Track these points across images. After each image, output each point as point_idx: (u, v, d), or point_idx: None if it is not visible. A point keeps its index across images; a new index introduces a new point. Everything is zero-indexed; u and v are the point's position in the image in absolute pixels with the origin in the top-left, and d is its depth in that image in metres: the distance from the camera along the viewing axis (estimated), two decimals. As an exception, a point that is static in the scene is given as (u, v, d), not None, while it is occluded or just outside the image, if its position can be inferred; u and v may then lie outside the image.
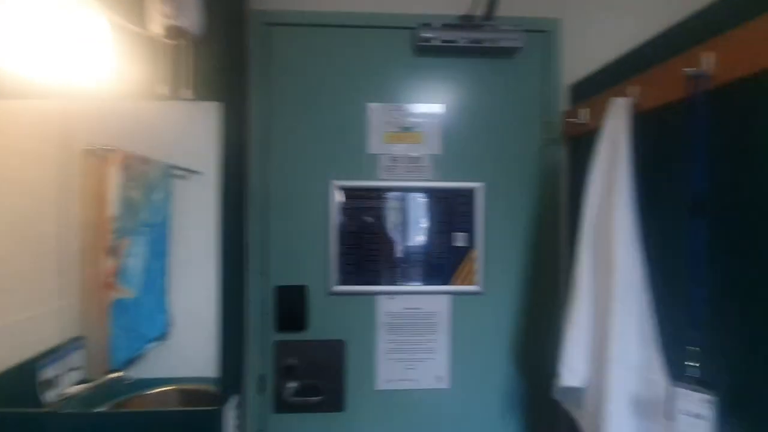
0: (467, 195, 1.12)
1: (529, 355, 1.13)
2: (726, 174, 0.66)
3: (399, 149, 1.13)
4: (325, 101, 1.12)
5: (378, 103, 1.13)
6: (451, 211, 1.12)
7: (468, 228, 1.12)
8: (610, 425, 0.78)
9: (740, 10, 0.63)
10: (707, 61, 0.68)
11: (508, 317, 1.14)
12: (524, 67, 1.14)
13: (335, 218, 1.11)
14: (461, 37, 1.07)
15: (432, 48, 1.09)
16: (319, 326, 1.12)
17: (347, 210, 1.11)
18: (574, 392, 0.89)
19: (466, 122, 1.13)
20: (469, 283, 1.12)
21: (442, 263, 1.12)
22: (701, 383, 0.69)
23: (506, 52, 1.11)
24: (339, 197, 1.11)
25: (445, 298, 1.12)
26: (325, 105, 1.12)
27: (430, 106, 1.13)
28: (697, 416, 0.68)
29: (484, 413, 1.14)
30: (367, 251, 1.11)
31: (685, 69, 0.69)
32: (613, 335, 0.79)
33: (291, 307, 1.10)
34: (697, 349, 0.70)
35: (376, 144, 1.13)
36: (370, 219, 1.12)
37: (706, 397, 0.67)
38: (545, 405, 1.13)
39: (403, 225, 1.13)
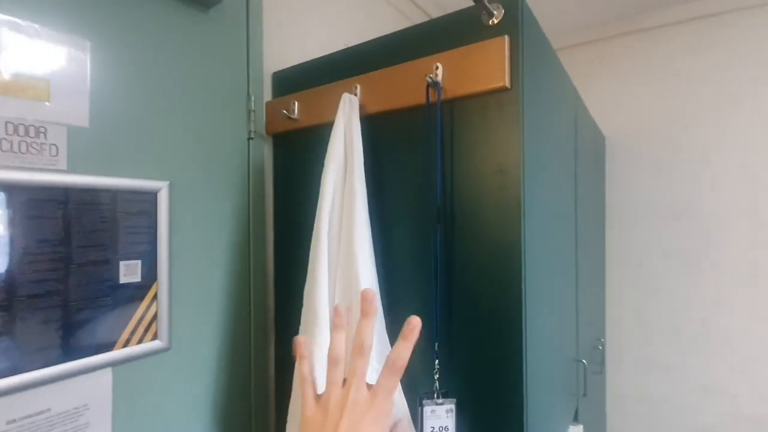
0: (143, 201, 0.71)
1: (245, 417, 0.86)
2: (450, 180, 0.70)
3: (-11, 105, 0.56)
4: None
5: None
6: (111, 226, 0.67)
7: (145, 253, 0.71)
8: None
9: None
10: (440, 71, 0.70)
11: (211, 377, 0.81)
12: (224, 32, 0.86)
13: None
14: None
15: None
16: None
17: None
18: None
19: (136, 85, 0.72)
20: (148, 339, 0.71)
21: (95, 316, 0.65)
22: (443, 394, 0.70)
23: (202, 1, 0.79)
24: None
25: (102, 378, 0.65)
26: None
27: (71, 41, 0.63)
28: (444, 429, 0.68)
29: None
30: None
31: (427, 75, 0.69)
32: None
33: None
34: (437, 362, 0.70)
35: None
36: None
37: (449, 407, 0.68)
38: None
39: (9, 254, 0.57)
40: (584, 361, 1.06)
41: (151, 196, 0.72)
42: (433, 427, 0.68)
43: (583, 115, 1.24)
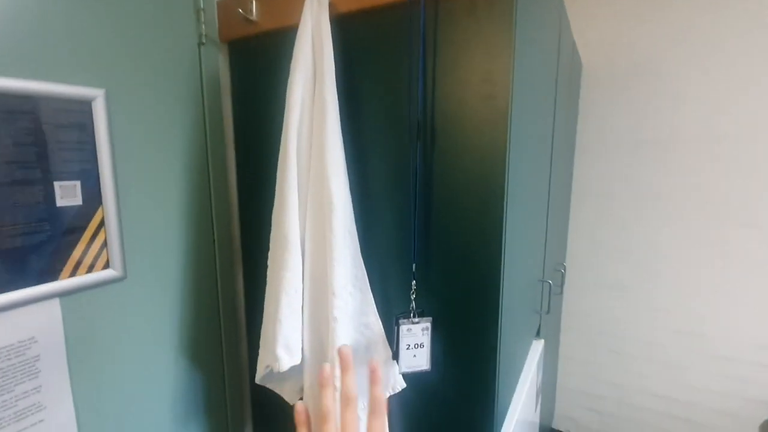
0: (76, 111, 0.60)
1: (216, 355, 0.83)
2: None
3: None
4: None
5: None
6: (37, 140, 0.57)
7: (84, 173, 0.62)
8: (337, 387, 0.67)
9: None
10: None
11: (176, 307, 0.77)
12: None
13: None
14: None
15: None
16: None
17: None
18: (288, 370, 0.71)
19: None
20: (99, 268, 0.65)
21: (31, 243, 0.57)
22: (420, 314, 0.70)
23: None
24: None
25: (48, 309, 0.59)
26: None
27: None
28: (420, 346, 0.68)
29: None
30: None
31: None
32: (336, 287, 0.66)
33: None
34: (414, 283, 0.69)
35: None
36: None
37: (425, 325, 0.68)
38: (234, 405, 0.89)
39: None
40: (550, 281, 1.10)
41: (86, 106, 0.61)
42: (409, 345, 0.68)
43: (566, 35, 1.17)
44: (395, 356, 0.68)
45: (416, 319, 0.68)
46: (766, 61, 1.47)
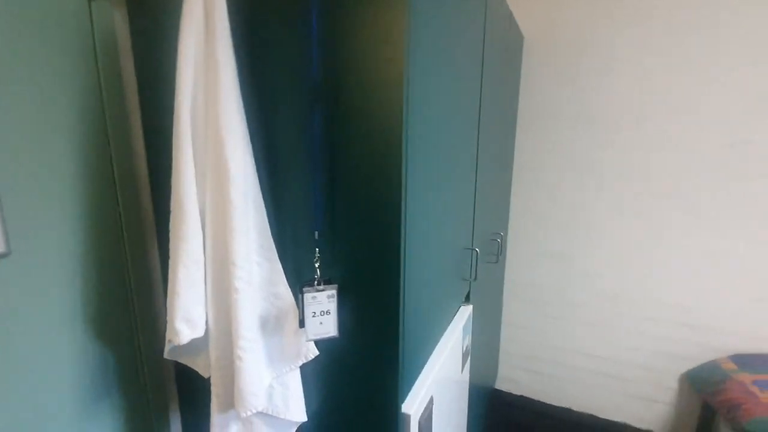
0: None
1: (107, 336, 0.80)
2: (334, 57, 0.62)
3: None
4: None
5: None
6: None
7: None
8: (245, 359, 0.67)
9: None
10: None
11: (77, 284, 0.73)
12: None
13: None
14: None
15: None
16: None
17: None
18: (192, 342, 0.71)
19: None
20: (-27, 242, 0.60)
21: None
22: (325, 281, 0.70)
23: None
24: None
25: None
26: None
27: None
28: (326, 313, 0.69)
29: None
30: None
31: None
32: (236, 257, 0.65)
33: None
34: (317, 251, 0.69)
35: None
36: None
37: (331, 292, 0.68)
38: (150, 379, 0.88)
39: None
40: (477, 249, 1.13)
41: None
42: (315, 312, 0.68)
43: (498, 5, 1.17)
44: (301, 324, 0.69)
45: (321, 287, 0.68)
46: (696, 38, 1.52)
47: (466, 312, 1.14)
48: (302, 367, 0.79)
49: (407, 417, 0.74)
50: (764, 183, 1.52)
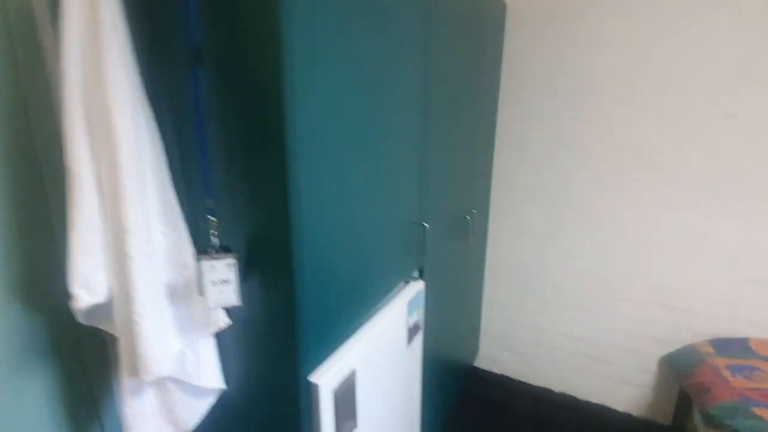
0: None
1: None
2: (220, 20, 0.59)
3: None
4: None
5: None
6: None
7: None
8: (143, 325, 0.68)
9: None
10: None
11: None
12: None
13: None
14: None
15: None
16: None
17: None
18: (101, 307, 0.72)
19: None
20: None
21: None
22: (223, 249, 0.69)
23: None
24: None
25: None
26: None
27: None
28: (225, 282, 0.68)
29: None
30: None
31: None
32: (128, 225, 0.65)
33: None
34: (215, 219, 0.68)
35: None
36: None
37: (229, 261, 0.68)
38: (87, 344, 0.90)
39: None
40: (425, 224, 1.10)
41: None
42: (214, 281, 0.68)
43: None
44: (200, 292, 0.69)
45: (218, 255, 0.67)
46: (683, 13, 1.41)
47: (414, 288, 1.12)
48: (219, 336, 0.80)
49: (316, 387, 0.74)
50: (747, 161, 1.42)
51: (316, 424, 0.77)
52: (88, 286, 0.67)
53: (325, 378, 0.76)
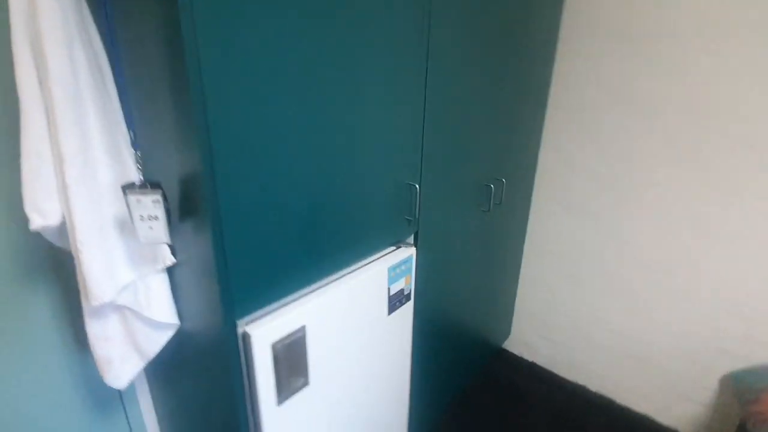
0: None
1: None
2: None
3: None
4: None
5: None
6: None
7: None
8: (85, 253, 0.70)
9: None
10: None
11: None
12: None
13: None
14: None
15: None
16: None
17: None
18: (60, 228, 0.76)
19: None
20: None
21: None
22: (152, 185, 0.68)
23: None
24: None
25: None
26: None
27: None
28: (153, 218, 0.68)
29: None
30: None
31: None
32: (65, 154, 0.66)
33: None
34: (138, 152, 0.66)
35: None
36: None
37: (156, 197, 0.66)
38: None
39: None
40: (417, 185, 0.99)
41: None
42: (142, 216, 0.67)
43: None
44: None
45: (144, 190, 0.66)
46: None
47: (402, 254, 1.03)
48: (172, 274, 0.81)
49: (248, 336, 0.72)
50: None
51: (252, 373, 0.75)
52: (39, 210, 0.71)
53: (263, 329, 0.73)
